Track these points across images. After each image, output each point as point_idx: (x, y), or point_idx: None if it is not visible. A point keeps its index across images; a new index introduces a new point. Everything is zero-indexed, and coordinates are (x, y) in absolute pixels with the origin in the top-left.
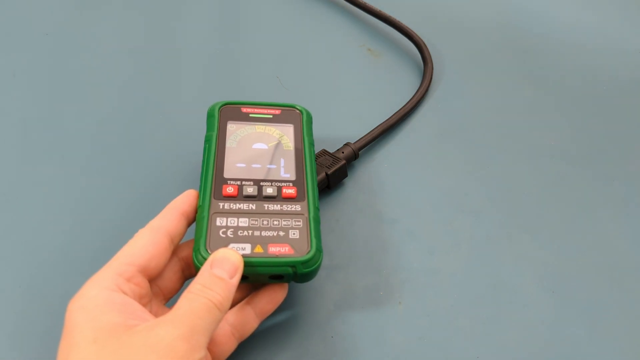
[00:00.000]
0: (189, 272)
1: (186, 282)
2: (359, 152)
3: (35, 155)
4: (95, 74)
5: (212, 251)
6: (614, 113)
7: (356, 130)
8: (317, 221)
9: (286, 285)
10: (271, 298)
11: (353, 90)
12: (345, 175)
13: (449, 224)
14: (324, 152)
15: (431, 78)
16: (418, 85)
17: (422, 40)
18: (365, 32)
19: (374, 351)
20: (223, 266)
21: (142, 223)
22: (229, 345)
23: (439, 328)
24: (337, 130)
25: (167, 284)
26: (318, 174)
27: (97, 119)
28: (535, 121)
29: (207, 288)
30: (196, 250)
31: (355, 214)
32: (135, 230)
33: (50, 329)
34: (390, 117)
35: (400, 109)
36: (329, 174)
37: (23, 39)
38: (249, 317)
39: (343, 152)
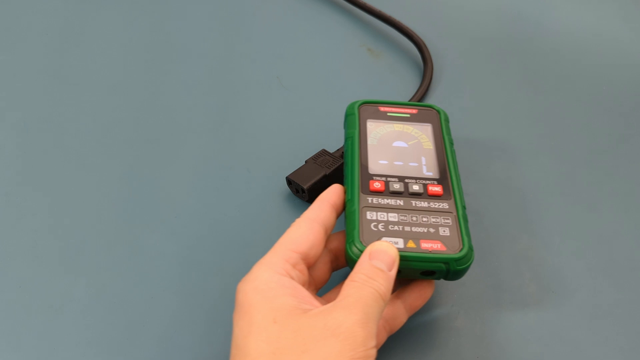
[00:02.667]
0: (336, 263)
1: (333, 273)
2: None
3: (35, 154)
4: (95, 74)
5: (367, 244)
6: (614, 113)
7: None
8: (466, 220)
9: (434, 282)
10: (420, 294)
11: (353, 90)
12: None
13: None
14: (324, 152)
15: (431, 78)
16: (418, 85)
17: (422, 40)
18: (365, 32)
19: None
20: (382, 258)
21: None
22: (380, 337)
23: (439, 328)
24: (337, 130)
25: (318, 274)
26: (317, 174)
27: (97, 118)
28: (535, 121)
29: (371, 278)
30: (350, 242)
31: None
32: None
33: (50, 329)
34: None
35: None
36: (329, 174)
37: (23, 39)
38: (399, 311)
39: (343, 152)
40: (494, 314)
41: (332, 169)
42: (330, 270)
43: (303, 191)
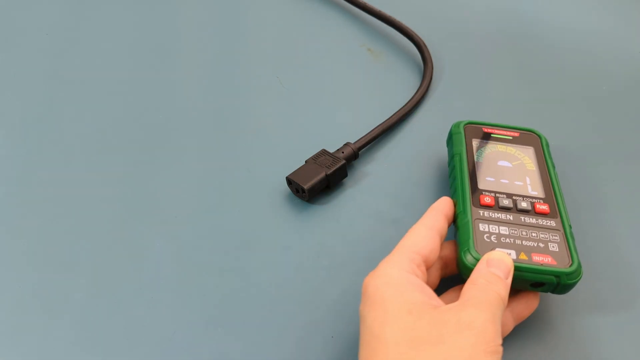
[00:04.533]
0: (446, 271)
1: (442, 279)
2: (359, 152)
3: (35, 155)
4: (95, 74)
5: (481, 253)
6: (614, 112)
7: (356, 130)
8: (574, 238)
9: (539, 294)
10: (527, 304)
11: (353, 90)
12: (345, 175)
13: None
14: (324, 152)
15: (431, 78)
16: (418, 85)
17: (422, 40)
18: (365, 32)
19: None
20: (499, 266)
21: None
22: None
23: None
24: (337, 130)
25: (430, 278)
26: (317, 174)
27: (97, 119)
28: (534, 121)
29: (490, 283)
30: (465, 250)
31: (355, 214)
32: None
33: (50, 329)
34: (390, 117)
35: (400, 109)
36: (329, 174)
37: (23, 39)
38: (508, 319)
39: (343, 152)
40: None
41: (332, 169)
42: (441, 276)
43: (303, 191)
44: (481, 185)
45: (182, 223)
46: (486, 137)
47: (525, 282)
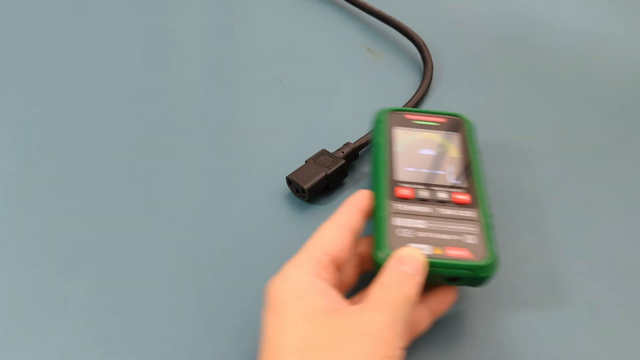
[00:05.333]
0: (364, 267)
1: (360, 276)
2: (359, 152)
3: (35, 155)
4: (95, 74)
5: (394, 249)
6: (614, 112)
7: (356, 130)
8: (492, 228)
9: (456, 288)
10: (443, 299)
11: (353, 90)
12: (345, 175)
13: None
14: (324, 152)
15: (431, 78)
16: (418, 85)
17: (422, 40)
18: (365, 32)
19: None
20: (409, 263)
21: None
22: (405, 341)
23: (439, 328)
24: (337, 130)
25: (346, 277)
26: (317, 174)
27: (97, 119)
28: (535, 121)
29: (398, 282)
30: (378, 247)
31: None
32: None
33: (50, 329)
34: None
35: None
36: (329, 174)
37: (23, 39)
38: (423, 315)
39: (343, 152)
40: (494, 314)
41: (332, 169)
42: (358, 274)
43: (303, 191)
44: (400, 176)
45: (182, 223)
46: (409, 124)
47: (441, 277)
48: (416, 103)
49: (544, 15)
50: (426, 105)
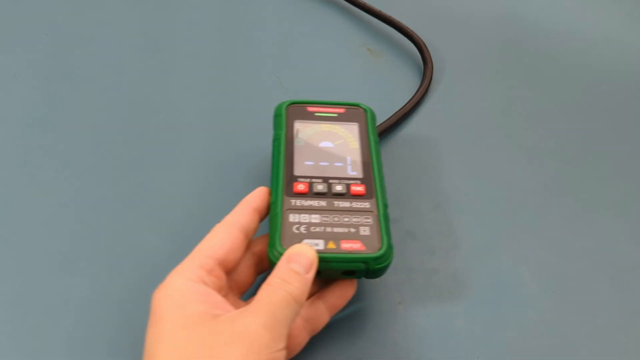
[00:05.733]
0: (262, 266)
1: (259, 276)
2: None
3: (35, 155)
4: (95, 74)
5: (287, 246)
6: (614, 113)
7: None
8: (387, 218)
9: (355, 282)
10: (341, 293)
11: (353, 90)
12: None
13: (449, 224)
14: None
15: (431, 78)
16: (418, 85)
17: (422, 40)
18: (365, 32)
19: (374, 351)
20: (299, 261)
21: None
22: (302, 338)
23: (439, 328)
24: None
25: (241, 278)
26: None
27: (97, 118)
28: (535, 121)
29: (285, 281)
30: (271, 245)
31: None
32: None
33: (50, 329)
34: (390, 117)
35: (400, 109)
36: None
37: (23, 39)
38: (321, 311)
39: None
40: (494, 314)
41: None
42: (255, 274)
43: None
44: (297, 171)
45: (182, 223)
46: (310, 116)
47: (335, 271)
48: (416, 103)
49: (544, 15)
50: (426, 105)
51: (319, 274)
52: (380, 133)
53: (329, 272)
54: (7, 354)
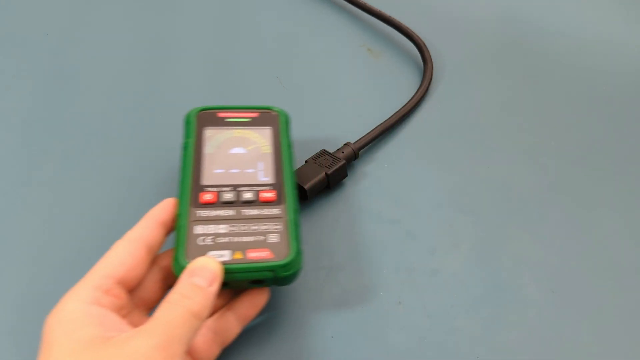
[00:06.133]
0: (171, 281)
1: (168, 291)
2: (359, 152)
3: (35, 155)
4: (95, 74)
5: (191, 260)
6: (614, 112)
7: (356, 130)
8: (297, 224)
9: (267, 290)
10: (252, 303)
11: (353, 90)
12: (345, 175)
13: (449, 224)
14: (324, 152)
15: (431, 78)
16: (418, 85)
17: (422, 40)
18: (365, 32)
19: (374, 351)
20: (201, 274)
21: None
22: (212, 351)
23: (439, 328)
24: (337, 130)
25: (148, 294)
26: (317, 174)
27: (97, 119)
28: (535, 121)
29: (185, 297)
30: (175, 259)
31: (355, 214)
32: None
33: None
34: (390, 117)
35: (400, 109)
36: (329, 174)
37: (23, 39)
38: (231, 322)
39: (343, 152)
40: (493, 314)
41: (332, 169)
42: (163, 289)
43: (303, 191)
44: (205, 180)
45: None
46: (221, 122)
47: (242, 282)
48: (416, 103)
49: (544, 16)
50: (426, 105)
51: (227, 285)
52: (380, 133)
53: (237, 283)
54: (7, 353)
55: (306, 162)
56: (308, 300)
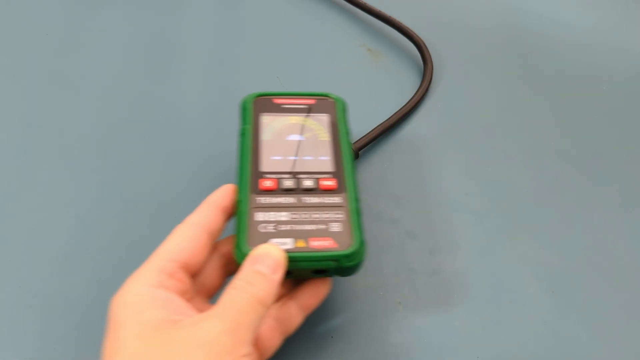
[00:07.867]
0: (231, 268)
1: (228, 278)
2: (359, 152)
3: (35, 155)
4: (96, 74)
5: (253, 247)
6: (614, 113)
7: (356, 130)
8: (359, 213)
9: (329, 280)
10: (315, 292)
11: (353, 90)
12: None
13: (449, 224)
14: None
15: (431, 78)
16: (418, 85)
17: (422, 40)
18: (365, 32)
19: (374, 351)
20: (265, 262)
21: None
22: (274, 340)
23: (439, 328)
24: None
25: (209, 280)
26: None
27: (97, 119)
28: (535, 121)
29: (250, 284)
30: (237, 246)
31: None
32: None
33: (50, 329)
34: (390, 117)
35: (400, 109)
36: None
37: (23, 39)
38: (293, 312)
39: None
40: (493, 314)
41: None
42: (224, 276)
43: None
44: (264, 167)
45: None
46: (277, 109)
47: (305, 271)
48: (416, 103)
49: (544, 16)
50: (426, 105)
51: (289, 274)
52: (380, 133)
53: (299, 272)
54: (7, 354)
55: None
56: None
